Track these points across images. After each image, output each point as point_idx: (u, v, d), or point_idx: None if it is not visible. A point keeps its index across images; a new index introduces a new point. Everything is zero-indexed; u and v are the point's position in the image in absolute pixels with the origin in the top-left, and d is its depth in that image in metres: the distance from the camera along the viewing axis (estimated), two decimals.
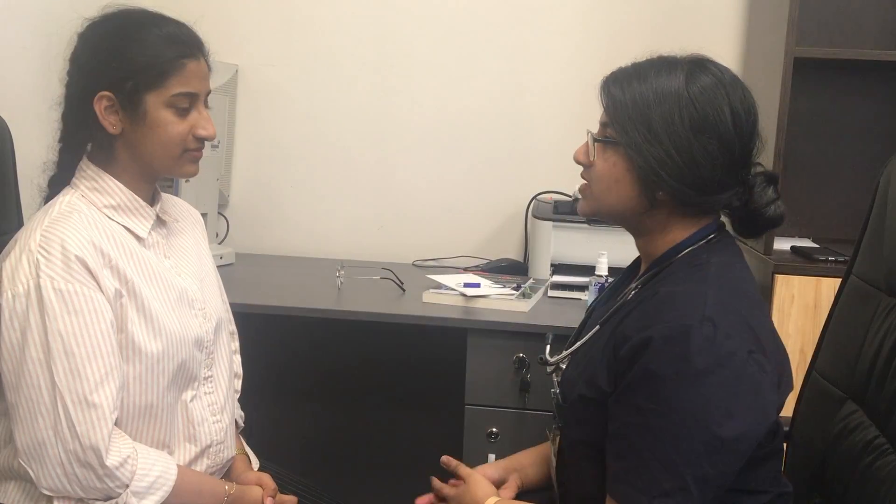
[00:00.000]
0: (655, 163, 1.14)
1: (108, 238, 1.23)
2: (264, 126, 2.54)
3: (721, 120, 1.14)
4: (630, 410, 1.10)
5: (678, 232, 1.21)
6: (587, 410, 1.19)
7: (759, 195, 1.20)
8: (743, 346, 1.09)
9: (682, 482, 1.06)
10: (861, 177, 2.34)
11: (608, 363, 1.16)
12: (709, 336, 1.06)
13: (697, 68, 1.17)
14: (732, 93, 1.16)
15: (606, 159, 1.20)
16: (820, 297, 1.95)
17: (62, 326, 1.15)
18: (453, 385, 1.92)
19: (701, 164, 1.14)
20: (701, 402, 1.06)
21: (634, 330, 1.12)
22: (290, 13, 2.49)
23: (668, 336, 1.07)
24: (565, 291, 2.07)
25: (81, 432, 1.14)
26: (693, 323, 1.07)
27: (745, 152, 1.18)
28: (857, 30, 2.30)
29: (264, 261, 2.44)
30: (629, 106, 1.16)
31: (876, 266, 1.34)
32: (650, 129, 1.14)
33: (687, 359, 1.06)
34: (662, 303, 1.13)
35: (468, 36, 2.45)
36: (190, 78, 1.25)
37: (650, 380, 1.08)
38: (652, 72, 1.17)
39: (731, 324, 1.09)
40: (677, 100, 1.14)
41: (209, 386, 1.36)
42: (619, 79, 1.20)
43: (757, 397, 1.09)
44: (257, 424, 1.61)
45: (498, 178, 2.48)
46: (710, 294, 1.11)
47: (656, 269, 1.21)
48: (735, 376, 1.07)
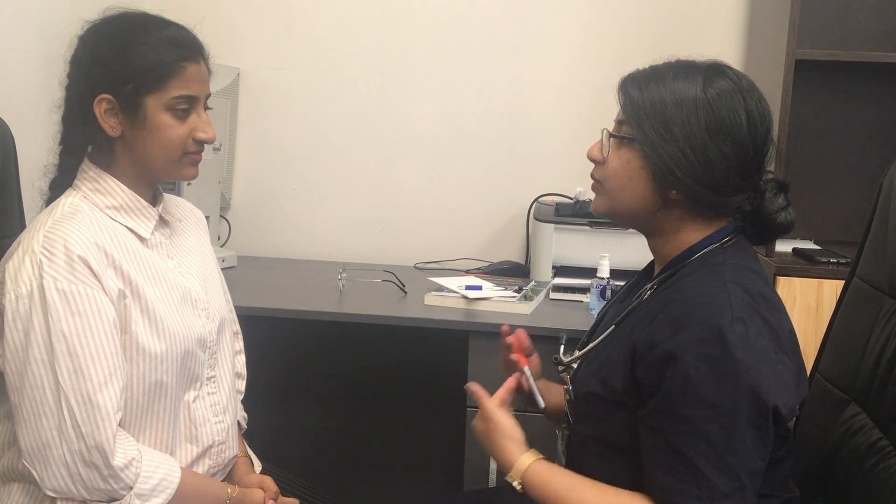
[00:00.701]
0: (670, 160, 1.15)
1: (111, 239, 1.23)
2: (266, 129, 2.54)
3: (737, 123, 1.16)
4: (674, 420, 1.09)
5: (692, 233, 1.21)
6: (598, 407, 1.20)
7: (770, 201, 1.22)
8: (770, 344, 1.10)
9: (738, 482, 1.07)
10: (863, 179, 2.34)
11: (624, 364, 1.16)
12: (742, 334, 1.08)
13: (715, 73, 1.19)
14: (749, 98, 1.18)
15: (621, 156, 1.21)
16: (821, 298, 1.95)
17: (65, 327, 1.15)
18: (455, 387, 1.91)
19: (715, 164, 1.15)
20: (746, 397, 1.06)
21: (662, 336, 1.11)
22: (291, 17, 2.50)
23: (702, 339, 1.08)
24: (567, 294, 2.07)
25: (86, 432, 1.14)
26: (724, 323, 1.08)
27: (758, 156, 1.19)
28: (858, 32, 2.30)
29: (266, 263, 2.44)
30: (647, 105, 1.18)
31: (879, 268, 1.34)
32: (667, 128, 1.16)
33: (725, 357, 1.06)
34: (687, 306, 1.13)
35: (469, 38, 2.45)
36: (190, 81, 1.25)
37: (690, 385, 1.07)
38: (670, 74, 1.19)
39: (757, 324, 1.10)
40: (694, 102, 1.16)
41: (212, 386, 1.36)
42: (637, 80, 1.21)
43: (787, 391, 1.11)
44: (259, 426, 1.61)
45: (499, 180, 2.48)
46: (735, 294, 1.12)
47: (672, 270, 1.21)
48: (770, 370, 1.09)
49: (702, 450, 1.07)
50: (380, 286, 2.12)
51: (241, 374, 1.56)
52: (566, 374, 1.36)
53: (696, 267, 1.19)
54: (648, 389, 1.12)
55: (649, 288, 1.24)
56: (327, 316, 1.90)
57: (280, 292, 2.10)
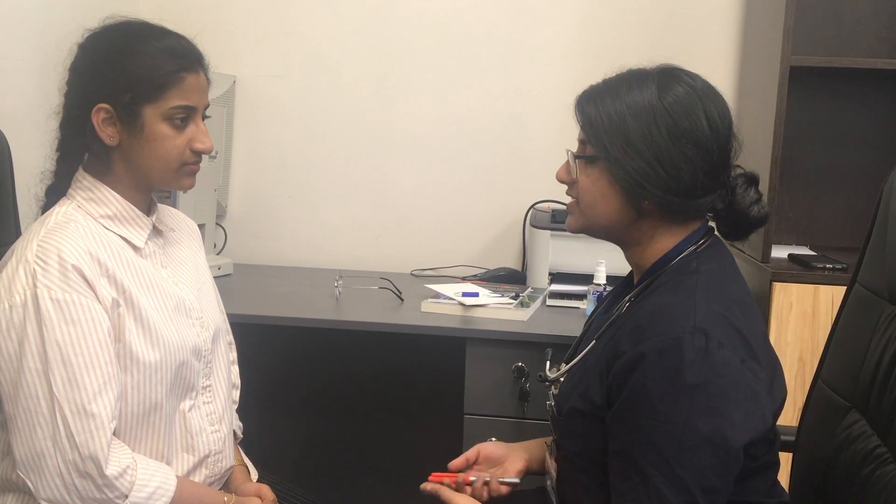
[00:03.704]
0: (637, 174, 1.15)
1: (105, 248, 1.23)
2: (262, 136, 2.54)
3: (698, 126, 1.16)
4: (630, 428, 1.10)
5: (666, 240, 1.22)
6: (581, 423, 1.20)
7: (741, 196, 1.21)
8: (736, 354, 1.09)
9: (689, 496, 1.06)
10: (858, 184, 2.35)
11: (601, 377, 1.16)
12: (701, 347, 1.06)
13: (669, 79, 1.19)
14: (706, 99, 1.18)
15: (589, 175, 1.21)
16: (818, 304, 1.95)
17: (59, 336, 1.14)
18: (452, 394, 1.91)
19: (682, 169, 1.15)
20: (700, 415, 1.05)
21: (627, 345, 1.12)
22: (287, 24, 2.50)
23: (661, 350, 1.08)
24: (564, 300, 2.07)
25: (80, 442, 1.13)
26: (684, 335, 1.07)
27: (723, 154, 1.19)
28: (852, 38, 2.30)
29: (262, 271, 2.44)
30: (605, 122, 1.18)
31: (879, 275, 1.34)
32: (628, 142, 1.16)
33: (680, 372, 1.06)
34: (653, 316, 1.13)
35: (465, 45, 2.46)
36: (189, 91, 1.25)
37: (647, 395, 1.07)
38: (623, 87, 1.19)
39: (722, 333, 1.09)
40: (652, 111, 1.16)
41: (207, 395, 1.36)
42: (592, 96, 1.22)
43: (755, 404, 1.09)
44: (255, 435, 1.60)
45: (495, 187, 2.48)
46: (700, 304, 1.11)
47: (649, 281, 1.21)
48: (732, 385, 1.07)
49: (653, 459, 1.07)
50: (376, 293, 2.12)
51: (235, 384, 1.55)
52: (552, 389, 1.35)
53: (671, 276, 1.19)
54: (616, 397, 1.12)
55: (627, 300, 1.24)
56: (324, 323, 1.89)
57: (276, 300, 2.10)
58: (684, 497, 1.06)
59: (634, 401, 1.09)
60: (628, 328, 1.15)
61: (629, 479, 1.09)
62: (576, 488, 1.26)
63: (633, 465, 1.09)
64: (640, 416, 1.08)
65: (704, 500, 1.06)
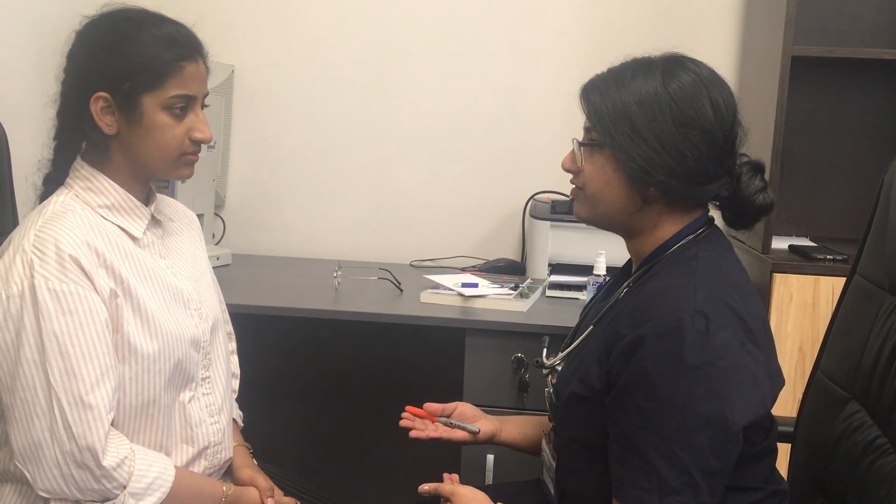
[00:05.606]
0: (643, 160, 1.15)
1: (103, 238, 1.22)
2: (261, 127, 2.53)
3: (702, 113, 1.16)
4: (629, 412, 1.10)
5: (668, 227, 1.22)
6: (580, 408, 1.20)
7: (746, 184, 1.22)
8: (736, 337, 1.09)
9: (689, 478, 1.06)
10: (859, 175, 2.35)
11: (600, 361, 1.16)
12: (701, 329, 1.07)
13: (674, 66, 1.19)
14: (710, 86, 1.18)
15: (594, 163, 1.22)
16: (818, 295, 1.95)
17: (57, 327, 1.13)
18: (451, 385, 1.91)
19: (687, 155, 1.15)
20: (700, 396, 1.06)
21: (627, 328, 1.12)
22: (286, 14, 2.49)
23: (661, 332, 1.08)
24: (563, 291, 2.06)
25: (78, 433, 1.13)
26: (685, 317, 1.08)
27: (728, 141, 1.19)
28: (854, 28, 2.30)
29: (261, 261, 2.44)
30: (611, 109, 1.18)
31: (879, 265, 1.34)
32: (634, 129, 1.16)
33: (680, 354, 1.06)
34: (653, 299, 1.13)
35: (464, 36, 2.45)
36: (188, 80, 1.24)
37: (647, 378, 1.08)
38: (628, 75, 1.19)
39: (722, 315, 1.09)
40: (657, 99, 1.16)
41: (207, 387, 1.36)
42: (597, 85, 1.22)
43: (754, 386, 1.10)
44: (254, 426, 1.60)
45: (495, 178, 2.48)
46: (700, 287, 1.12)
47: (647, 266, 1.22)
48: (731, 367, 1.08)
49: (652, 442, 1.07)
50: (375, 284, 2.11)
51: (235, 374, 1.55)
52: (549, 376, 1.36)
53: (670, 261, 1.19)
54: (615, 381, 1.12)
55: (626, 286, 1.25)
56: (323, 314, 1.89)
57: (275, 290, 2.09)
58: (684, 479, 1.06)
59: (634, 383, 1.09)
60: (628, 312, 1.15)
61: (629, 462, 1.10)
62: (575, 476, 1.26)
63: (632, 448, 1.09)
64: (640, 398, 1.08)
65: (704, 482, 1.06)
